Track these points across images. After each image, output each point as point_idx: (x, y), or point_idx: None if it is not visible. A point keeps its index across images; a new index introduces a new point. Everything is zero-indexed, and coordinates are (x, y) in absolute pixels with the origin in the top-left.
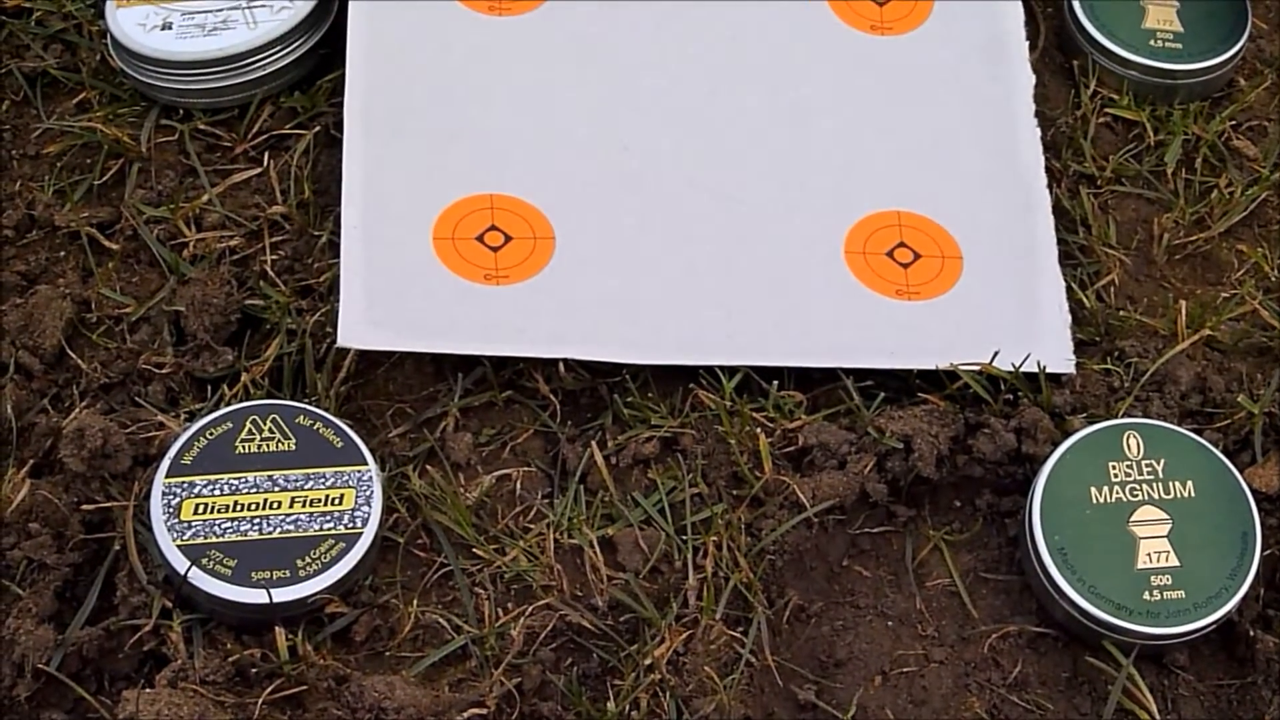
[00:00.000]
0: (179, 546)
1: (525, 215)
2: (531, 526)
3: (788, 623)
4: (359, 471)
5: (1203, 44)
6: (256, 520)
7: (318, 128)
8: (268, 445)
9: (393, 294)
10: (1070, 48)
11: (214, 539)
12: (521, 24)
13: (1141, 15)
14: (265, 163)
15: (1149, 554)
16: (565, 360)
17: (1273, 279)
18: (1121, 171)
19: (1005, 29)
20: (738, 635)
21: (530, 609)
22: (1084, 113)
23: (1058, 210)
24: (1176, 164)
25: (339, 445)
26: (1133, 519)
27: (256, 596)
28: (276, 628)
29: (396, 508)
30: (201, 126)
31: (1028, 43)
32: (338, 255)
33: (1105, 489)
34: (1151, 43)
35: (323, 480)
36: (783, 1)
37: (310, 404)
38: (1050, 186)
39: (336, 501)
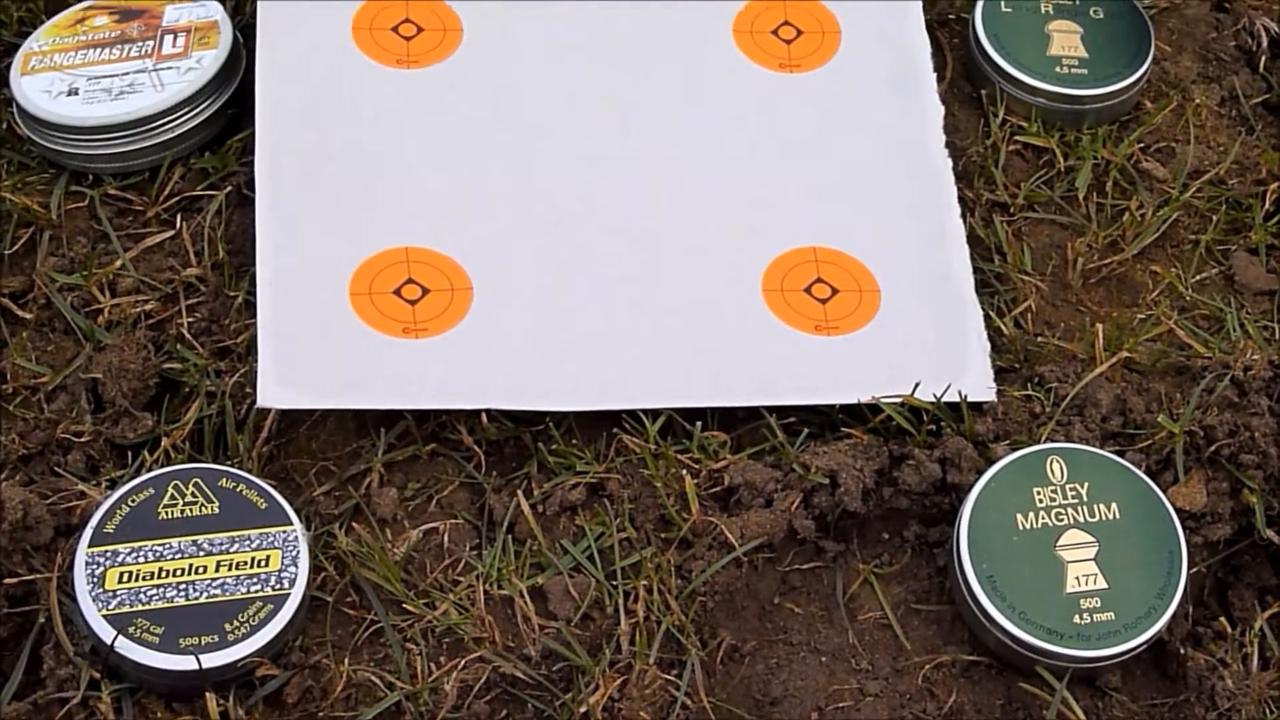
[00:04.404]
0: (105, 616)
1: (441, 267)
2: (461, 579)
3: (721, 663)
4: (284, 532)
5: (1108, 68)
6: (182, 586)
7: (229, 188)
8: (191, 510)
9: (311, 352)
10: (978, 77)
11: (140, 607)
12: (430, 76)
13: (1046, 42)
14: (178, 225)
15: (1077, 577)
16: (488, 410)
17: (1187, 299)
18: (1034, 198)
19: (913, 61)
20: (672, 678)
21: (463, 662)
22: (994, 141)
23: (972, 239)
24: (1087, 188)
25: (263, 506)
26: (1059, 543)
27: (185, 663)
28: (207, 694)
29: (324, 566)
30: (112, 191)
31: (935, 74)
32: (254, 315)
33: (1031, 515)
34: (1058, 69)
35: (248, 542)
36: (691, 43)
37: (233, 466)
38: (964, 216)
39: (263, 563)
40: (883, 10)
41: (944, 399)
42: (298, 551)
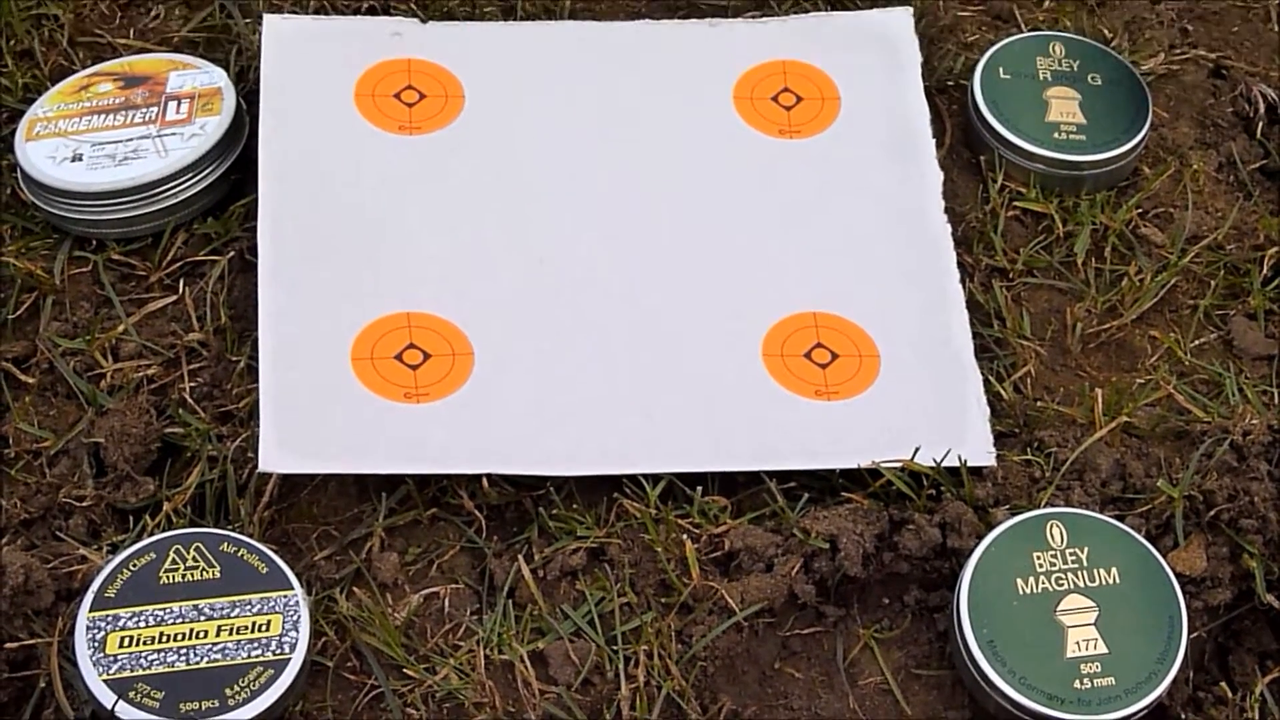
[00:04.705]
0: (105, 681)
1: (443, 332)
2: (461, 644)
3: None
4: (285, 596)
5: (1106, 134)
6: (183, 650)
7: (232, 253)
8: (192, 574)
9: (313, 416)
10: (976, 143)
11: (140, 671)
12: (432, 142)
13: (1045, 109)
14: (181, 290)
15: (1077, 642)
16: (489, 475)
17: (1186, 363)
18: (1033, 263)
19: (912, 128)
20: None
21: None
22: (993, 207)
23: (972, 304)
24: (1086, 253)
25: (264, 571)
26: (1060, 608)
27: None
28: None
29: (325, 631)
30: (115, 256)
31: (934, 140)
32: (256, 380)
33: (1031, 579)
34: (1056, 135)
35: (249, 607)
36: (691, 109)
37: (234, 530)
38: (963, 281)
39: (263, 628)
40: (882, 77)
41: (944, 464)
42: (298, 616)
